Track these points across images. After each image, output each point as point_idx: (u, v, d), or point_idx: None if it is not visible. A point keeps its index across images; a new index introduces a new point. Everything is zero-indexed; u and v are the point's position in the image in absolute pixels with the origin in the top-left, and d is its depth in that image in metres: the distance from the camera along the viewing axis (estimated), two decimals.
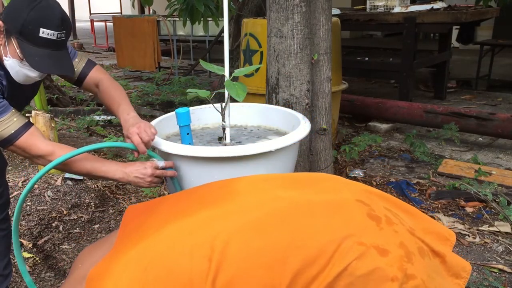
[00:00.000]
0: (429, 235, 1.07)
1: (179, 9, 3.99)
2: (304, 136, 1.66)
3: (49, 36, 1.45)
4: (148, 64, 7.33)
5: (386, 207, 1.06)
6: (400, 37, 5.06)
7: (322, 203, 1.03)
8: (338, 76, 3.62)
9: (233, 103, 1.87)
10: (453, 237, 1.12)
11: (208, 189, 1.19)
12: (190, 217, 1.04)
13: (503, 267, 2.25)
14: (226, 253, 0.93)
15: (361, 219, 0.99)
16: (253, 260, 0.93)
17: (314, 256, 0.93)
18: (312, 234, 0.96)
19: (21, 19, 1.42)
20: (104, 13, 13.04)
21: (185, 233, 0.99)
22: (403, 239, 0.98)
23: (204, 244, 0.95)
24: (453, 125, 3.82)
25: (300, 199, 1.04)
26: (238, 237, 0.96)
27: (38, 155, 1.50)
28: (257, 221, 0.99)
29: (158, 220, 1.08)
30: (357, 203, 1.03)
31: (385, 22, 4.91)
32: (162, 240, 1.00)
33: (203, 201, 1.10)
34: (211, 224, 1.00)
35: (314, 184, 1.13)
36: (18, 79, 1.54)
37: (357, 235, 0.95)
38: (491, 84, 6.16)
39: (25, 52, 1.45)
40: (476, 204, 2.83)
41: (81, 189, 2.94)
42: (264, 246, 0.94)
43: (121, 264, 0.98)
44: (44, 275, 2.25)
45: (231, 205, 1.05)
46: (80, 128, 4.37)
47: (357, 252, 0.93)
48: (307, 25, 2.39)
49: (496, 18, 7.36)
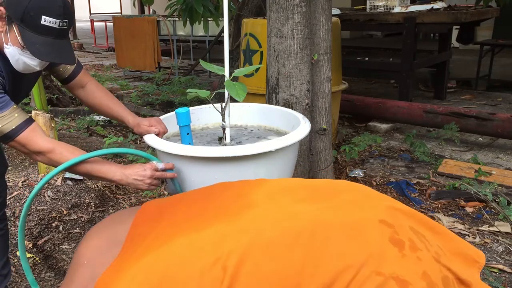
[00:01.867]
0: (456, 258, 1.00)
1: (179, 10, 3.99)
2: (304, 136, 1.66)
3: (51, 24, 1.44)
4: (148, 64, 7.34)
5: (412, 226, 0.99)
6: (400, 37, 5.06)
7: (340, 224, 0.96)
8: (338, 76, 3.62)
9: (233, 103, 1.87)
10: (483, 259, 1.05)
11: (225, 197, 1.12)
12: (203, 231, 0.99)
13: (503, 267, 2.24)
14: (237, 276, 0.89)
15: (381, 244, 0.92)
16: (265, 284, 0.89)
17: (328, 284, 0.87)
18: (327, 259, 0.90)
19: (23, 6, 1.40)
20: (104, 13, 13.05)
21: (196, 249, 0.95)
22: (426, 268, 0.91)
23: (215, 264, 0.91)
24: (453, 125, 3.82)
25: (317, 219, 0.97)
26: (250, 259, 0.91)
27: (38, 152, 1.50)
28: (270, 242, 0.94)
29: (170, 228, 1.04)
30: (380, 225, 0.96)
31: (385, 22, 4.91)
32: (173, 253, 0.96)
33: (218, 213, 1.05)
34: (223, 241, 0.95)
35: (335, 196, 1.06)
36: (18, 67, 1.53)
37: (376, 263, 0.89)
38: (491, 84, 6.15)
39: (26, 39, 1.43)
40: (476, 204, 2.83)
41: (81, 189, 2.94)
42: (275, 271, 0.90)
43: (129, 274, 0.95)
44: (44, 275, 2.25)
45: (245, 221, 1.00)
46: (80, 128, 4.38)
47: (374, 283, 0.87)
48: (307, 25, 2.39)
49: (496, 18, 7.36)
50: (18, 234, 1.51)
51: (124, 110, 1.86)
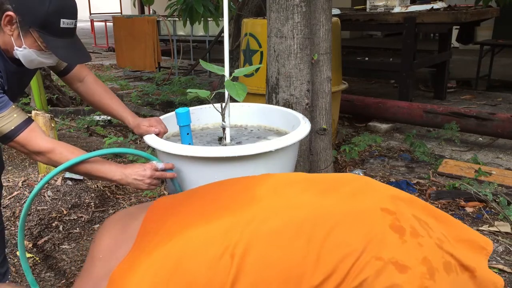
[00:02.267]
0: (461, 245, 1.00)
1: (179, 10, 3.99)
2: (304, 136, 1.66)
3: (68, 25, 1.47)
4: (148, 64, 7.33)
5: (415, 214, 1.00)
6: (400, 37, 5.06)
7: (342, 214, 0.98)
8: (338, 76, 3.62)
9: (233, 103, 1.87)
10: (490, 246, 1.04)
11: (232, 192, 1.15)
12: (212, 223, 1.02)
13: (503, 267, 2.24)
14: (243, 265, 0.91)
15: (382, 231, 0.94)
16: (269, 272, 0.91)
17: (330, 271, 0.90)
18: (329, 248, 0.92)
19: (42, 12, 1.42)
20: (104, 13, 13.04)
21: (206, 239, 0.98)
22: (427, 254, 0.93)
23: (224, 254, 0.93)
24: (453, 125, 3.82)
25: (320, 209, 1.00)
26: (255, 248, 0.94)
27: (37, 152, 1.50)
28: (275, 231, 0.96)
29: (180, 222, 1.07)
30: (381, 213, 0.97)
31: (385, 22, 4.91)
32: (184, 244, 0.98)
33: (226, 207, 1.08)
34: (231, 231, 0.98)
35: (338, 187, 1.08)
36: (29, 65, 1.55)
37: (376, 249, 0.91)
38: (491, 84, 6.15)
39: (50, 44, 1.45)
40: (476, 204, 2.82)
41: (81, 189, 2.94)
42: (280, 259, 0.92)
43: (143, 267, 0.97)
44: (44, 275, 2.25)
45: (250, 212, 1.03)
46: (80, 128, 4.38)
47: (374, 268, 0.89)
48: (307, 25, 2.39)
49: (496, 18, 7.36)
50: (18, 234, 1.51)
51: (124, 110, 1.86)
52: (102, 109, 1.88)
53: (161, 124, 1.81)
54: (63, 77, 1.83)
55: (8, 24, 1.45)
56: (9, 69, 1.54)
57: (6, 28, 1.45)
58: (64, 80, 1.84)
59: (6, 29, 1.46)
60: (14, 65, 1.56)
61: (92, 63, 9.22)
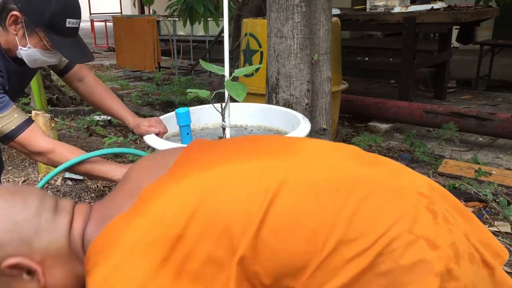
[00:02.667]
0: (482, 246, 1.00)
1: (179, 10, 3.99)
2: (304, 136, 1.66)
3: (73, 25, 1.48)
4: (148, 64, 7.33)
5: (446, 207, 1.00)
6: (400, 37, 5.06)
7: (381, 184, 0.98)
8: (338, 76, 3.62)
9: (233, 103, 1.87)
10: (506, 255, 1.04)
11: (273, 143, 1.15)
12: (250, 161, 1.01)
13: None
14: (271, 207, 0.91)
15: (417, 208, 0.94)
16: (297, 220, 0.91)
17: (361, 233, 0.89)
18: (364, 213, 0.92)
19: (48, 12, 1.42)
20: (104, 13, 13.05)
21: (243, 173, 0.97)
22: (456, 240, 0.93)
23: (259, 192, 0.92)
24: (451, 125, 3.82)
25: (362, 175, 1.00)
26: (292, 193, 0.93)
27: (38, 152, 1.50)
28: (316, 181, 0.96)
29: (216, 158, 1.05)
30: (418, 195, 0.98)
31: (385, 22, 4.91)
32: (218, 175, 0.97)
33: (266, 151, 1.07)
34: (272, 171, 0.97)
35: (379, 164, 1.08)
36: (31, 64, 1.55)
37: (409, 224, 0.91)
38: (491, 84, 6.15)
39: (56, 44, 1.46)
40: (476, 204, 2.83)
41: (81, 189, 2.94)
42: (314, 210, 0.92)
43: (172, 191, 0.96)
44: None
45: (294, 160, 1.02)
46: (80, 128, 4.38)
47: (405, 240, 0.88)
48: (307, 25, 2.39)
49: (496, 18, 7.36)
50: None
51: (124, 110, 1.86)
52: (102, 109, 1.88)
53: (161, 124, 1.82)
54: (63, 76, 1.83)
55: (13, 23, 1.45)
56: (10, 69, 1.54)
57: (11, 27, 1.46)
58: (64, 79, 1.85)
59: (10, 29, 1.46)
60: (15, 65, 1.56)
61: (92, 63, 9.22)
